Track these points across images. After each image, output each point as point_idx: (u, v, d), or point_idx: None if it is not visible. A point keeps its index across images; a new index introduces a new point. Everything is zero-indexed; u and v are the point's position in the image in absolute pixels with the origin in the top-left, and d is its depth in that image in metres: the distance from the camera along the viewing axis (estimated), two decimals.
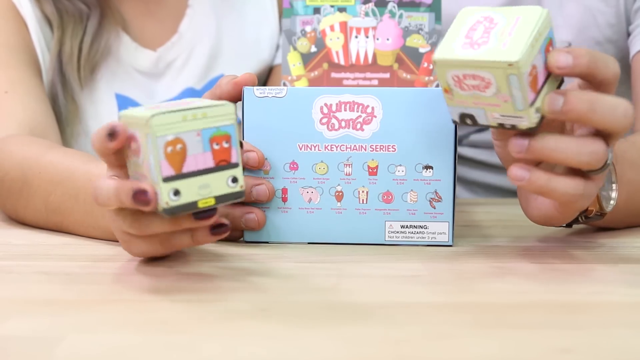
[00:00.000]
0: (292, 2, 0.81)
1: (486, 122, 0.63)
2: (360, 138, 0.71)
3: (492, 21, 0.62)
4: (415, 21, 0.80)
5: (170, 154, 0.57)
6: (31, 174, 0.77)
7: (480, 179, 1.08)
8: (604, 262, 0.68)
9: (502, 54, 0.59)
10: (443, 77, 0.62)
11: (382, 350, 0.47)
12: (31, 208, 0.78)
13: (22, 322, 0.52)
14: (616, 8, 1.00)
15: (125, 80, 1.02)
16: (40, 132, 0.90)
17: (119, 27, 1.02)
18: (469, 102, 0.62)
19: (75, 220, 0.74)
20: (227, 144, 0.59)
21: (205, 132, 0.58)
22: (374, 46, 0.80)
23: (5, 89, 0.91)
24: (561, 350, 0.47)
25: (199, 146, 0.58)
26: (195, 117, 0.58)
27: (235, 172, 0.59)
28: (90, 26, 0.99)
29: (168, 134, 0.57)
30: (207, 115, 0.58)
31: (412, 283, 0.61)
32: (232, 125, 0.59)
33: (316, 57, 0.81)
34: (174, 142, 0.57)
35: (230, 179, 0.59)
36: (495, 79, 0.59)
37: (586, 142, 0.61)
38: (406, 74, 0.80)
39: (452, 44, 0.61)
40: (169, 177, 0.57)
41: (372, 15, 0.80)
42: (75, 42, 0.98)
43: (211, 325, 0.51)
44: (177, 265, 0.66)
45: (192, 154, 0.58)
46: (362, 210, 0.72)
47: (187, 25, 1.06)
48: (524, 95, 0.59)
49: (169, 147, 0.57)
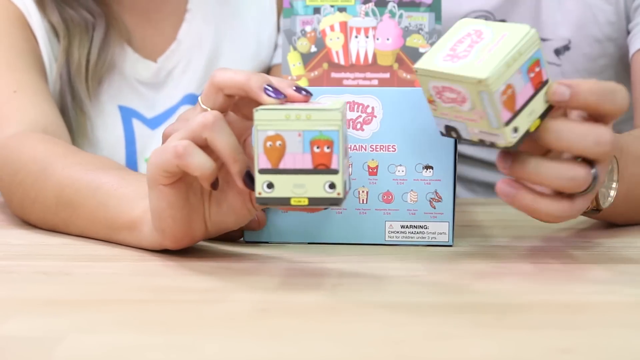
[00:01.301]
0: (292, 2, 0.81)
1: (468, 137, 0.62)
2: (360, 138, 0.71)
3: (480, 35, 0.61)
4: (415, 21, 0.80)
5: (269, 148, 0.59)
6: (50, 170, 0.77)
7: (480, 178, 1.08)
8: (603, 262, 0.68)
9: (474, 70, 0.59)
10: (425, 87, 0.62)
11: (382, 350, 0.47)
12: (40, 202, 0.77)
13: (22, 322, 0.52)
14: (616, 6, 1.00)
15: (128, 92, 1.02)
16: (53, 131, 0.89)
17: (123, 38, 1.02)
18: (450, 115, 0.62)
19: (85, 214, 0.73)
20: (328, 149, 0.59)
21: (307, 134, 0.59)
22: (374, 46, 0.80)
23: (14, 88, 0.91)
24: (561, 350, 0.47)
25: (299, 146, 0.59)
26: (299, 118, 0.59)
27: (334, 178, 0.59)
28: (97, 37, 0.98)
29: (269, 129, 0.59)
30: (312, 117, 0.59)
31: (412, 283, 0.61)
32: (336, 131, 0.59)
33: (316, 57, 0.81)
34: (274, 137, 0.59)
35: (328, 184, 0.60)
36: (469, 94, 0.59)
37: (567, 167, 0.62)
38: (406, 74, 0.80)
39: (436, 54, 0.61)
40: (265, 170, 0.59)
41: (372, 15, 0.80)
42: (82, 52, 0.98)
43: (211, 325, 0.51)
44: (177, 265, 0.66)
45: (290, 152, 0.59)
46: (362, 210, 0.72)
47: (186, 31, 1.05)
48: (495, 114, 0.59)
49: (268, 142, 0.59)
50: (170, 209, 0.64)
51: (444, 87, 0.60)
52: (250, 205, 0.65)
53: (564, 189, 0.62)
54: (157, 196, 0.64)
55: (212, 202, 0.66)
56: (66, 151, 0.80)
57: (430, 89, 0.62)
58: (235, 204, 0.65)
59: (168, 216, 0.64)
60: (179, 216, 0.64)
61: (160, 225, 0.65)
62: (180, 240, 0.66)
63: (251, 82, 0.61)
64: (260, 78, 0.62)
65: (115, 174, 0.74)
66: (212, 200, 0.66)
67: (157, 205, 0.64)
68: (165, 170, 0.62)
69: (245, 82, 0.62)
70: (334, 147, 0.59)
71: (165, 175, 0.62)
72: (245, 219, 0.67)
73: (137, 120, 1.03)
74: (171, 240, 0.66)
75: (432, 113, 0.64)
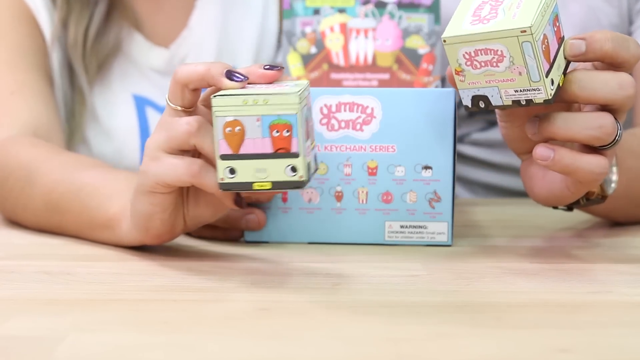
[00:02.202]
0: (292, 3, 0.81)
1: (500, 102, 0.62)
2: (359, 138, 0.72)
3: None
4: (414, 22, 0.80)
5: (228, 134, 0.59)
6: (37, 174, 0.77)
7: (480, 179, 1.08)
8: (603, 262, 0.68)
9: (514, 23, 0.59)
10: (454, 57, 0.61)
11: (382, 350, 0.47)
12: (31, 208, 0.78)
13: (22, 322, 0.52)
14: (619, 8, 1.00)
15: (141, 80, 1.02)
16: (44, 134, 0.90)
17: (130, 24, 1.01)
18: (481, 82, 0.62)
19: (73, 217, 0.74)
20: (287, 132, 0.59)
21: (266, 119, 0.59)
22: (373, 47, 0.80)
23: (12, 90, 0.91)
24: (560, 349, 0.47)
25: (258, 131, 0.59)
26: (257, 103, 0.59)
27: (295, 161, 0.60)
28: (97, 13, 0.98)
29: (228, 115, 0.59)
30: (269, 102, 0.59)
31: (412, 283, 0.61)
32: (294, 114, 0.59)
33: (316, 58, 0.81)
34: (232, 123, 0.59)
35: (290, 167, 0.60)
36: (508, 50, 0.59)
37: (594, 116, 0.62)
38: (405, 74, 0.80)
39: (460, 23, 0.61)
40: (226, 156, 0.59)
41: (371, 16, 0.80)
42: (80, 28, 0.98)
43: (211, 325, 0.51)
44: (177, 265, 0.66)
45: (250, 137, 0.59)
46: (361, 210, 0.72)
47: (198, 18, 1.05)
48: (538, 64, 0.59)
49: (227, 128, 0.59)
50: (161, 212, 0.64)
51: (476, 50, 0.60)
52: None
53: (594, 139, 0.63)
54: (150, 201, 0.64)
55: (190, 198, 0.66)
56: (50, 154, 0.81)
57: (459, 58, 0.61)
58: (211, 197, 0.65)
59: (157, 219, 0.65)
60: (167, 217, 0.65)
61: (145, 225, 0.65)
62: (162, 237, 0.66)
63: (211, 71, 0.62)
64: (219, 65, 0.62)
65: (96, 173, 0.74)
66: (190, 196, 0.66)
67: (148, 209, 0.64)
68: (171, 185, 0.63)
69: (206, 72, 0.62)
70: (293, 130, 0.59)
71: (167, 190, 0.63)
72: (221, 211, 0.67)
73: (151, 109, 1.03)
74: (153, 238, 0.66)
75: (457, 86, 0.63)
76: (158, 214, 0.64)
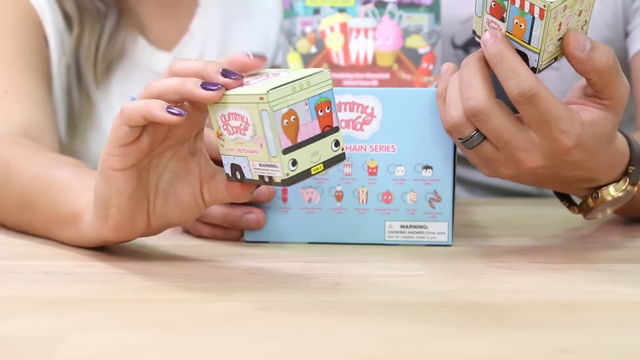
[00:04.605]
0: (292, 2, 0.81)
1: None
2: (360, 138, 0.72)
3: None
4: (414, 22, 0.80)
5: (286, 126, 0.58)
6: (13, 173, 0.77)
7: (480, 179, 1.08)
8: (603, 262, 0.68)
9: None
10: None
11: (382, 350, 0.47)
12: (7, 206, 0.77)
13: (22, 322, 0.52)
14: (613, 9, 1.00)
15: (143, 84, 1.03)
16: (36, 135, 0.90)
17: (136, 29, 1.03)
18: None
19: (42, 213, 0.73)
20: (328, 109, 0.60)
21: (312, 101, 0.59)
22: (373, 47, 0.80)
23: (6, 89, 0.92)
24: (560, 349, 0.47)
25: (307, 115, 0.59)
26: (302, 87, 0.59)
27: (337, 135, 0.60)
28: (108, 25, 1.00)
29: (283, 107, 0.58)
30: (311, 84, 0.59)
31: (412, 283, 0.62)
32: (330, 90, 0.60)
33: (316, 58, 0.81)
34: (288, 114, 0.58)
35: (334, 142, 0.60)
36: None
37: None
38: (406, 74, 0.80)
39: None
40: (288, 149, 0.59)
41: (371, 16, 0.81)
42: (93, 39, 0.99)
43: (211, 325, 0.51)
44: (177, 265, 0.66)
45: (303, 123, 0.59)
46: (361, 210, 0.72)
47: (198, 24, 1.07)
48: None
49: (285, 120, 0.58)
50: (117, 196, 0.63)
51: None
52: (200, 200, 0.64)
53: None
54: (106, 183, 0.63)
55: (158, 195, 0.64)
56: (29, 153, 0.80)
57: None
58: (183, 197, 0.64)
59: (113, 204, 0.63)
60: (124, 206, 0.63)
61: (103, 212, 0.64)
62: (120, 231, 0.65)
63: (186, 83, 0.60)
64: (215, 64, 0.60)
65: (70, 171, 0.74)
66: (159, 193, 0.64)
67: (104, 193, 0.63)
68: (152, 114, 0.60)
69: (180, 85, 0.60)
70: (332, 105, 0.60)
71: (128, 135, 0.61)
72: (192, 215, 0.65)
73: None
74: (111, 230, 0.65)
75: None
76: (113, 199, 0.63)
